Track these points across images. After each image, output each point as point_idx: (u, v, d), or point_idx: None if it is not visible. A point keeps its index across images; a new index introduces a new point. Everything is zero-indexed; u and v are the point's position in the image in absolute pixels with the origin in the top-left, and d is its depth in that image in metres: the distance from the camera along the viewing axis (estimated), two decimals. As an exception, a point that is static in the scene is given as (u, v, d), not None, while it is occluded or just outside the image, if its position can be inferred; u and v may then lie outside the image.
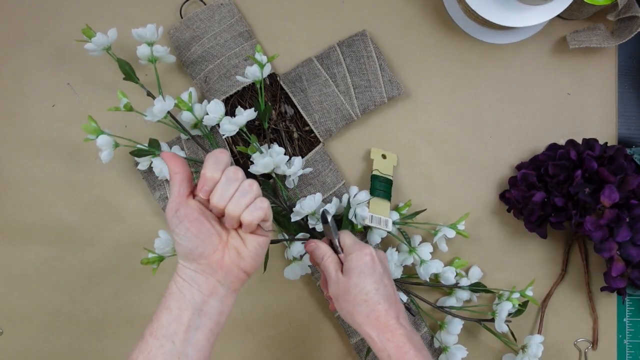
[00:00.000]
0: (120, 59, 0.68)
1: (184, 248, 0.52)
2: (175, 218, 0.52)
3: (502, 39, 0.75)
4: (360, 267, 0.58)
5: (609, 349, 0.76)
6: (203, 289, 0.53)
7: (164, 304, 0.53)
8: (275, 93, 0.73)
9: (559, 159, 0.68)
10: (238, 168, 0.52)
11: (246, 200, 0.51)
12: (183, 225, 0.52)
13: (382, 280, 0.58)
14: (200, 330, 0.52)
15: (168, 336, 0.51)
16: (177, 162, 0.53)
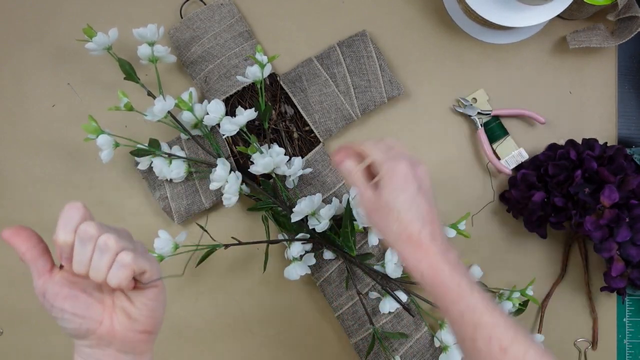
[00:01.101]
0: (121, 58, 0.68)
1: (67, 330, 0.47)
2: (46, 302, 0.46)
3: (502, 39, 0.75)
4: (391, 184, 0.52)
5: (609, 348, 0.76)
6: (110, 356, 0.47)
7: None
8: (275, 93, 0.73)
9: (558, 159, 0.68)
10: (89, 223, 0.44)
11: (105, 261, 0.44)
12: (56, 307, 0.46)
13: (415, 198, 0.51)
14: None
15: None
16: (20, 238, 0.46)
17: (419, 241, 0.51)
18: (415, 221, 0.51)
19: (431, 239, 0.51)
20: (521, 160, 0.74)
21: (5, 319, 0.75)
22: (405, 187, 0.52)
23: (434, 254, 0.50)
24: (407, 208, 0.51)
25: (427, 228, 0.51)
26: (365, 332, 0.73)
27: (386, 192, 0.52)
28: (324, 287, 0.73)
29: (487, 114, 0.74)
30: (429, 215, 0.52)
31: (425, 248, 0.50)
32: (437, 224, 0.52)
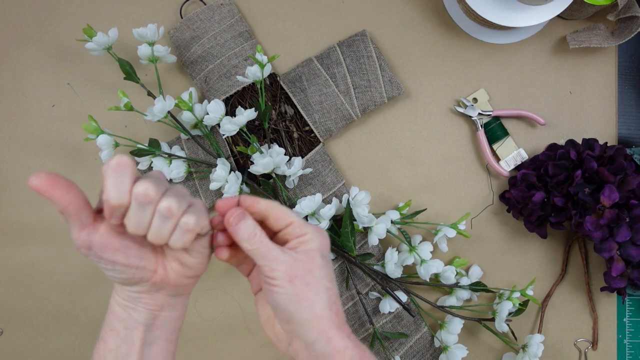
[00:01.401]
0: (121, 58, 0.68)
1: (117, 279, 0.45)
2: (92, 255, 0.43)
3: (502, 39, 0.75)
4: (322, 250, 0.48)
5: (609, 348, 0.76)
6: (151, 306, 0.47)
7: (108, 325, 0.46)
8: (275, 93, 0.73)
9: (559, 159, 0.68)
10: (147, 183, 0.41)
11: (169, 227, 0.42)
12: (106, 259, 0.43)
13: (332, 273, 0.49)
14: (155, 344, 0.47)
15: (119, 359, 0.46)
16: (60, 190, 0.40)
17: (344, 321, 0.48)
18: (338, 298, 0.49)
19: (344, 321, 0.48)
20: (521, 161, 0.74)
21: (5, 318, 0.75)
22: (328, 260, 0.49)
23: (357, 340, 0.48)
24: (333, 281, 0.48)
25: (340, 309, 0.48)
26: (366, 332, 0.73)
27: (319, 255, 0.47)
28: (324, 287, 0.73)
29: (488, 115, 0.74)
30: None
31: (348, 332, 0.48)
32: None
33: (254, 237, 0.46)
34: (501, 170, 0.73)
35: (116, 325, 0.46)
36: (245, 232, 0.46)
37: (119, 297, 0.47)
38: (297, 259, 0.46)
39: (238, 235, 0.46)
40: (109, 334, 0.46)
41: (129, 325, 0.46)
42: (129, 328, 0.46)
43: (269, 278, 0.46)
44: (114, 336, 0.46)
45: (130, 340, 0.46)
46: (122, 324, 0.46)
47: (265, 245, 0.46)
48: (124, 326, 0.46)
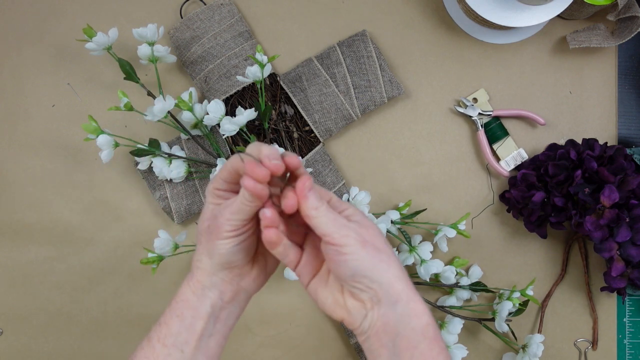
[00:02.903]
0: (121, 58, 0.68)
1: (224, 258, 0.48)
2: (242, 229, 0.47)
3: (502, 38, 0.75)
4: (368, 219, 0.49)
5: (609, 348, 0.76)
6: (225, 296, 0.49)
7: (175, 311, 0.49)
8: (275, 93, 0.73)
9: (559, 159, 0.68)
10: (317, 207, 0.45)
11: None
12: (243, 236, 0.47)
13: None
14: (213, 337, 0.49)
15: (178, 345, 0.48)
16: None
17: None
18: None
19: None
20: (521, 161, 0.74)
21: (5, 319, 0.75)
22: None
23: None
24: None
25: None
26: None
27: (370, 226, 0.47)
28: (324, 287, 0.73)
29: (488, 115, 0.74)
30: None
31: (418, 295, 0.47)
32: None
33: (321, 205, 0.45)
34: (501, 170, 0.73)
35: (184, 313, 0.48)
36: (314, 201, 0.45)
37: (197, 284, 0.49)
38: (360, 225, 0.46)
39: (308, 202, 0.45)
40: (174, 320, 0.48)
41: (196, 314, 0.48)
42: (195, 317, 0.48)
43: (340, 246, 0.45)
44: (178, 322, 0.48)
45: (193, 329, 0.48)
46: (190, 312, 0.48)
47: (331, 212, 0.46)
48: (191, 314, 0.48)
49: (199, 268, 0.49)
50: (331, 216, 0.45)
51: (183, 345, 0.48)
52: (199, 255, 0.49)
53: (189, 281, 0.49)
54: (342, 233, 0.45)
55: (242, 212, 0.46)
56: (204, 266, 0.49)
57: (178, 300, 0.49)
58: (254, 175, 0.43)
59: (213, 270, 0.49)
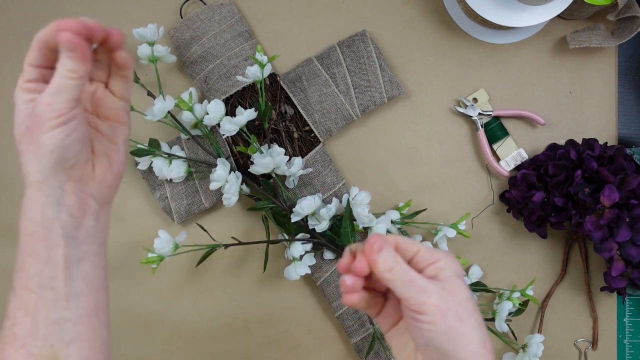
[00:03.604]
0: (121, 58, 0.68)
1: (55, 156, 0.41)
2: (69, 114, 0.41)
3: (502, 38, 0.75)
4: (461, 276, 0.43)
5: (609, 348, 0.76)
6: (73, 210, 0.42)
7: (25, 251, 0.42)
8: (275, 93, 0.73)
9: (559, 159, 0.68)
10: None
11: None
12: (73, 124, 0.41)
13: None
14: (83, 261, 0.43)
15: (44, 284, 0.41)
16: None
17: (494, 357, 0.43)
18: (486, 331, 0.43)
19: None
20: (521, 161, 0.74)
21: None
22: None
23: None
24: (479, 312, 0.43)
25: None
26: (366, 332, 0.73)
27: (462, 283, 0.42)
28: (324, 287, 0.73)
29: (488, 115, 0.74)
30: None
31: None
32: None
33: (396, 266, 0.41)
34: (501, 170, 0.73)
35: (34, 248, 0.42)
36: (387, 261, 0.41)
37: (35, 206, 0.42)
38: (445, 288, 0.41)
39: (379, 265, 0.41)
40: (28, 262, 0.42)
41: (49, 245, 0.42)
42: (50, 247, 0.42)
43: (418, 313, 0.41)
44: (33, 262, 0.42)
45: (53, 261, 0.42)
46: (41, 245, 0.42)
47: (409, 273, 0.41)
48: (44, 246, 0.42)
49: (30, 185, 0.42)
50: (408, 278, 0.41)
51: (50, 281, 0.41)
52: (25, 167, 0.42)
53: (23, 210, 0.43)
54: (419, 299, 0.40)
55: (66, 90, 0.40)
56: (35, 178, 0.42)
57: (23, 238, 0.42)
58: (69, 26, 0.39)
59: (46, 178, 0.42)
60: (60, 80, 0.40)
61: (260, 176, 0.71)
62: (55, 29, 0.39)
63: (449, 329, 0.40)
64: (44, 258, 0.42)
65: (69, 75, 0.40)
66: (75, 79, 0.40)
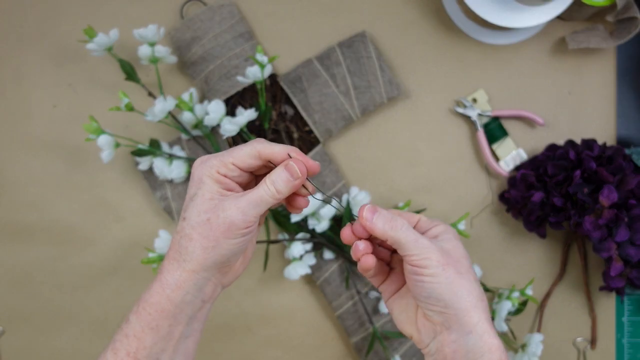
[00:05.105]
0: (122, 59, 0.68)
1: (225, 258, 0.44)
2: (254, 226, 0.43)
3: (501, 39, 0.75)
4: (458, 238, 0.47)
5: (608, 348, 0.76)
6: (206, 296, 0.45)
7: (148, 323, 0.43)
8: (275, 93, 0.73)
9: (558, 159, 0.69)
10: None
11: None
12: (251, 234, 0.44)
13: None
14: (190, 338, 0.45)
15: (153, 355, 0.43)
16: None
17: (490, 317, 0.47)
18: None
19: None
20: (520, 161, 0.74)
21: (6, 318, 0.75)
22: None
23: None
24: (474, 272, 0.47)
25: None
26: (365, 332, 0.73)
27: (458, 244, 0.46)
28: (324, 286, 0.73)
29: (487, 115, 0.74)
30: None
31: (494, 328, 0.45)
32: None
33: (395, 224, 0.44)
34: (500, 171, 0.74)
35: (160, 323, 0.43)
36: (384, 222, 0.44)
37: (179, 290, 0.43)
38: (444, 247, 0.45)
39: (377, 227, 0.44)
40: (147, 332, 0.43)
41: (174, 322, 0.44)
42: (174, 324, 0.44)
43: (420, 267, 0.43)
44: (154, 335, 0.43)
45: (170, 337, 0.44)
46: (167, 321, 0.43)
47: (411, 232, 0.44)
48: (168, 323, 0.43)
49: (185, 270, 0.43)
50: (411, 236, 0.44)
51: (159, 354, 0.44)
52: (183, 254, 0.43)
53: (164, 286, 0.43)
54: (423, 254, 0.43)
55: (264, 205, 0.43)
56: (192, 267, 0.43)
57: (151, 311, 0.43)
58: (309, 165, 0.44)
59: (203, 270, 0.44)
60: (263, 194, 0.43)
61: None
62: (293, 158, 0.44)
63: (449, 281, 0.43)
64: (164, 333, 0.44)
65: (274, 195, 0.43)
66: (277, 199, 0.43)
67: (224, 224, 0.42)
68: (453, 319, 0.44)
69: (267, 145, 0.44)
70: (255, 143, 0.44)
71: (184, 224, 0.43)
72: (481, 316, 0.44)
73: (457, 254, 0.45)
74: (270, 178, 0.43)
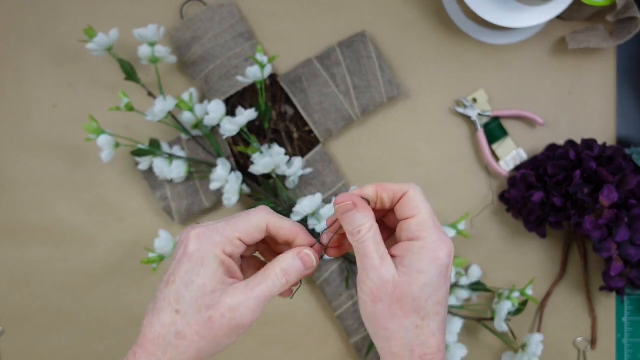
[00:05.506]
0: (122, 59, 0.68)
1: (215, 355, 0.38)
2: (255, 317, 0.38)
3: (501, 39, 0.75)
4: (432, 272, 0.37)
5: (608, 348, 0.76)
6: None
7: None
8: (275, 93, 0.73)
9: (558, 159, 0.69)
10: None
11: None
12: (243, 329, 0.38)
13: (446, 298, 0.39)
14: None
15: None
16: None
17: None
18: (437, 333, 0.38)
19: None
20: (520, 161, 0.74)
21: (6, 318, 0.75)
22: (446, 278, 0.39)
23: None
24: (436, 311, 0.38)
25: (442, 349, 0.39)
26: (365, 332, 0.73)
27: (422, 279, 0.37)
28: (324, 286, 0.73)
29: (487, 115, 0.74)
30: (445, 325, 0.39)
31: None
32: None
33: (357, 234, 0.38)
34: (500, 171, 0.74)
35: None
36: (350, 225, 0.38)
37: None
38: (390, 281, 0.37)
39: (344, 226, 0.39)
40: None
41: None
42: None
43: (359, 287, 0.39)
44: None
45: None
46: None
47: (366, 247, 0.38)
48: None
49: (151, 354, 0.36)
50: (362, 251, 0.38)
51: None
52: (170, 354, 0.36)
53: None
54: (362, 276, 0.38)
55: (271, 297, 0.38)
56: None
57: None
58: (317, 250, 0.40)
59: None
60: (273, 288, 0.38)
61: (260, 176, 0.71)
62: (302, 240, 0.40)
63: (374, 317, 0.38)
64: None
65: (285, 286, 0.38)
66: (285, 286, 0.39)
67: (230, 325, 0.36)
68: (375, 345, 0.40)
69: (276, 219, 0.39)
70: (261, 213, 0.39)
71: (177, 318, 0.36)
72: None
73: (403, 291, 0.37)
74: (281, 267, 0.38)
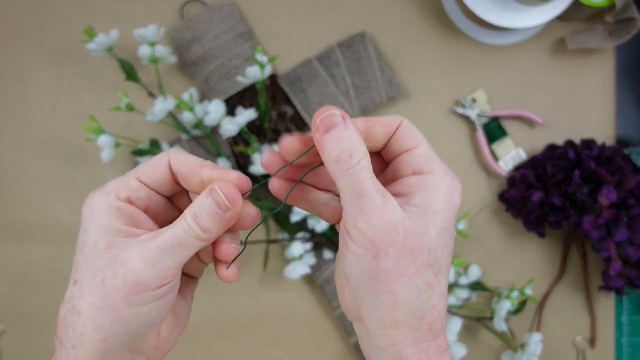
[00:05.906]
0: (123, 59, 0.68)
1: (135, 335, 0.30)
2: (172, 282, 0.31)
3: (501, 40, 0.75)
4: (448, 213, 0.29)
5: (607, 347, 0.76)
6: None
7: None
8: (275, 94, 0.73)
9: (557, 159, 0.69)
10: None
11: None
12: (170, 295, 0.31)
13: (451, 251, 0.31)
14: None
15: None
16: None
17: (441, 329, 0.30)
18: (443, 300, 0.30)
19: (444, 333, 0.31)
20: (520, 161, 0.74)
21: (6, 318, 0.75)
22: (453, 223, 0.30)
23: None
24: (445, 269, 0.30)
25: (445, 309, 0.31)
26: (365, 332, 0.73)
27: (436, 222, 0.29)
28: (324, 286, 0.73)
29: (487, 115, 0.74)
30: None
31: (441, 344, 0.31)
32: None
33: (348, 159, 0.27)
34: (500, 171, 0.74)
35: None
36: (336, 148, 0.27)
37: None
38: (400, 226, 0.28)
39: (326, 150, 0.28)
40: None
41: None
42: None
43: (348, 236, 0.29)
44: None
45: None
46: None
47: (361, 180, 0.27)
48: None
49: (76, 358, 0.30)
50: (358, 183, 0.27)
51: None
52: (71, 338, 0.30)
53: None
54: (357, 221, 0.28)
55: (185, 250, 0.30)
56: (86, 357, 0.30)
57: None
58: (240, 185, 0.30)
59: (104, 353, 0.30)
60: (182, 234, 0.29)
61: (260, 176, 0.71)
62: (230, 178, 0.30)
63: (374, 276, 0.28)
64: None
65: (199, 234, 0.29)
66: (204, 240, 0.30)
67: (125, 284, 0.29)
68: (365, 322, 0.31)
69: (181, 154, 0.31)
70: (165, 152, 0.32)
71: (74, 290, 0.30)
72: (407, 337, 0.29)
73: (417, 240, 0.28)
74: (191, 210, 0.30)
